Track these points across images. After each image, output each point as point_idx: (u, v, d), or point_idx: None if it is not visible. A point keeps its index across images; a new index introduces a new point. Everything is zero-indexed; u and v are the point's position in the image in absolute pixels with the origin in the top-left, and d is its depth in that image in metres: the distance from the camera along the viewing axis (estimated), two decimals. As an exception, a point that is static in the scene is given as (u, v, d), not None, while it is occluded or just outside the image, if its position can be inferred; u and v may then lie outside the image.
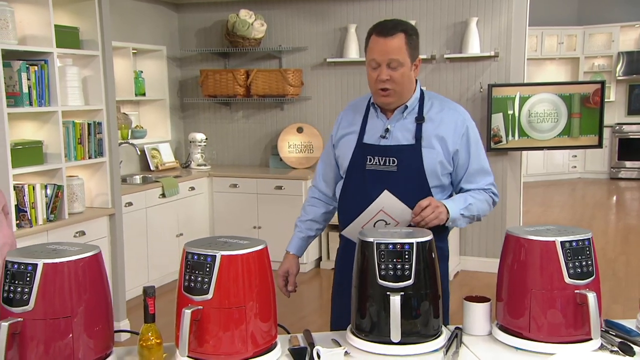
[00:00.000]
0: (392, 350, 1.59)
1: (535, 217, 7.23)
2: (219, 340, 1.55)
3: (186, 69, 5.88)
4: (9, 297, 1.47)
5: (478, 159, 1.97)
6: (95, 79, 3.74)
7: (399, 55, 1.88)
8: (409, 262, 1.59)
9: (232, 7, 5.50)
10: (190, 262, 1.57)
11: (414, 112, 1.96)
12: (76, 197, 3.67)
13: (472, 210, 1.93)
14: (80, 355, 1.52)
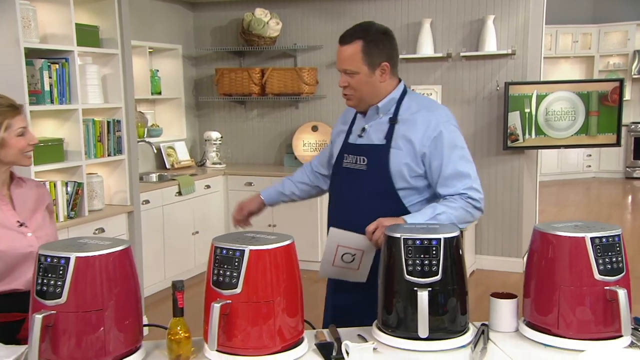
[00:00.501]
0: (419, 346, 1.59)
1: (550, 217, 7.19)
2: (247, 335, 1.56)
3: (201, 67, 5.91)
4: (42, 290, 1.49)
5: (453, 163, 1.90)
6: (114, 77, 3.77)
7: (351, 64, 1.90)
8: (436, 258, 1.59)
9: (247, 6, 5.51)
10: (219, 257, 1.58)
11: (390, 112, 1.97)
12: (95, 194, 3.71)
13: (443, 220, 1.85)
14: (111, 348, 1.53)
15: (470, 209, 1.91)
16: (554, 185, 9.32)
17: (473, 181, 1.93)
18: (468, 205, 1.91)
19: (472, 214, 1.93)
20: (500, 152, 4.95)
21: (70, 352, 1.50)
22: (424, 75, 5.12)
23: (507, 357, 1.57)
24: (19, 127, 1.81)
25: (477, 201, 1.92)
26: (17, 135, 1.81)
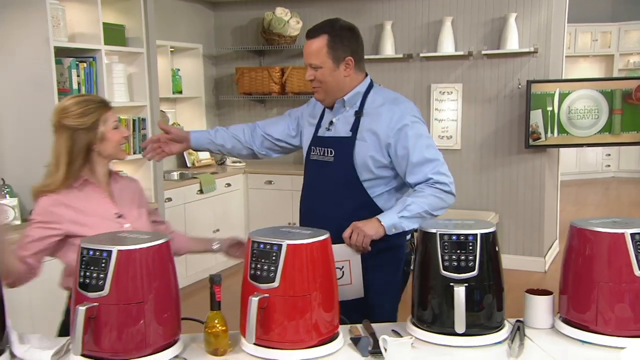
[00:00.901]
0: (456, 341, 1.59)
1: (570, 216, 7.09)
2: (284, 329, 1.57)
3: (221, 67, 5.94)
4: (85, 283, 1.52)
5: (419, 150, 1.95)
6: (139, 76, 3.81)
7: (316, 58, 1.96)
8: (472, 253, 1.59)
9: (268, 5, 5.53)
10: (256, 251, 1.59)
11: (356, 106, 2.02)
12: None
13: (414, 210, 1.90)
14: (151, 341, 1.55)
15: (439, 194, 1.95)
16: (572, 185, 9.23)
17: (440, 165, 1.97)
18: (437, 191, 1.94)
19: (444, 199, 1.96)
20: (522, 151, 4.92)
21: (112, 344, 1.52)
22: (445, 74, 5.10)
23: (544, 353, 1.56)
24: (114, 121, 1.88)
25: (445, 185, 1.95)
26: (113, 129, 1.87)
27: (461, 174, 5.14)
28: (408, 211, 1.91)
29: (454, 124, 5.13)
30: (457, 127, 5.12)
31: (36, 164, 3.29)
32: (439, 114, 5.16)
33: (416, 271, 1.69)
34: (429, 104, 5.18)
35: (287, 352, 1.56)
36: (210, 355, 1.60)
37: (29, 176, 3.30)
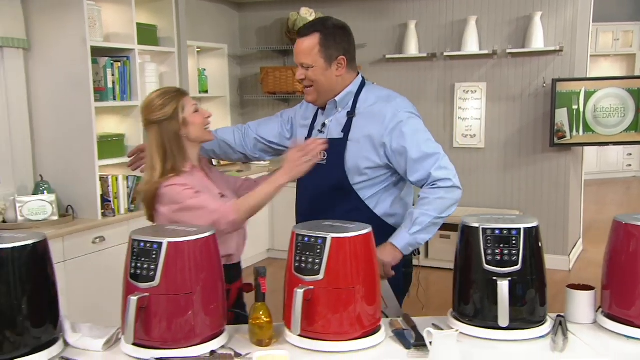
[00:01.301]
0: (499, 335, 1.59)
1: (592, 215, 7.03)
2: (328, 321, 1.57)
3: (246, 66, 5.97)
4: (136, 274, 1.54)
5: (417, 147, 1.87)
6: (170, 75, 3.85)
7: (308, 57, 1.89)
8: (516, 248, 1.58)
9: (292, 6, 5.55)
10: (300, 244, 1.60)
11: (348, 106, 1.96)
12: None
13: (424, 221, 1.85)
14: (198, 331, 1.57)
15: (443, 194, 1.86)
16: (593, 185, 9.11)
17: (441, 159, 1.88)
18: (439, 192, 1.86)
19: (449, 197, 1.87)
20: (547, 149, 4.88)
21: (162, 333, 1.54)
22: (469, 73, 5.08)
23: (588, 347, 1.55)
24: (192, 105, 1.90)
25: (447, 180, 1.86)
26: (194, 112, 1.89)
27: (485, 172, 5.11)
28: (418, 224, 1.86)
29: (478, 122, 5.10)
30: (480, 125, 5.09)
31: (73, 161, 3.37)
32: (462, 112, 5.14)
33: (457, 265, 1.69)
34: (453, 103, 5.15)
35: (332, 344, 1.57)
36: (255, 346, 1.61)
37: (66, 173, 3.38)
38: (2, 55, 3.27)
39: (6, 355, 1.47)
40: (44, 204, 3.21)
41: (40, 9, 3.28)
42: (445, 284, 4.64)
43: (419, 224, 1.86)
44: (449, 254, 4.93)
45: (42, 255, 1.55)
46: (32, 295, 1.51)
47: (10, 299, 1.47)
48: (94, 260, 3.29)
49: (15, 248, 1.49)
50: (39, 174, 3.41)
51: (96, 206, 3.34)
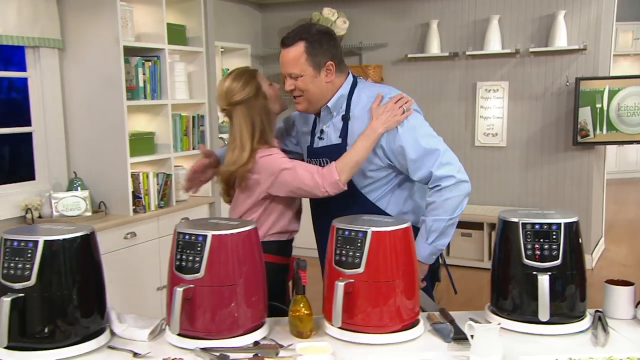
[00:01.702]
0: (539, 330, 1.58)
1: (611, 214, 6.94)
2: (369, 314, 1.58)
3: (268, 66, 5.99)
4: (181, 266, 1.56)
5: (415, 145, 1.81)
6: (198, 75, 3.88)
7: (296, 67, 1.83)
8: (556, 243, 1.57)
9: (315, 6, 5.56)
10: (340, 238, 1.61)
11: (342, 110, 1.90)
12: (181, 185, 3.81)
13: (439, 226, 1.81)
14: (241, 322, 1.58)
15: (449, 193, 1.79)
16: (612, 184, 8.96)
17: (441, 155, 1.80)
18: (444, 192, 1.80)
19: (457, 195, 1.80)
20: (569, 148, 4.83)
21: (206, 324, 1.55)
22: (491, 72, 5.04)
23: (629, 342, 1.54)
24: (265, 80, 1.92)
25: (450, 178, 1.79)
26: (269, 86, 1.92)
27: (506, 171, 5.07)
28: (434, 231, 1.82)
29: (500, 121, 5.06)
30: (502, 124, 5.05)
31: (105, 159, 3.41)
32: (484, 111, 5.10)
33: (496, 260, 1.68)
34: (474, 102, 5.12)
35: (372, 336, 1.57)
36: (295, 338, 1.62)
37: (98, 170, 3.42)
38: (39, 55, 3.32)
39: (57, 344, 1.50)
40: (78, 200, 3.26)
41: (75, 10, 3.33)
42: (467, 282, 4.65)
43: (435, 231, 1.82)
44: (471, 252, 4.99)
45: (90, 247, 1.57)
46: (82, 285, 1.53)
47: (62, 289, 1.50)
48: (126, 255, 3.33)
49: (66, 239, 1.51)
50: (73, 170, 3.45)
51: (128, 202, 3.38)
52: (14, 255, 1.48)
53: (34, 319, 1.48)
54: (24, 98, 3.38)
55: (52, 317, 1.49)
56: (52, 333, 1.49)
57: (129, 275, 3.31)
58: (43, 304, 1.48)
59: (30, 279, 1.47)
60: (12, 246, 1.49)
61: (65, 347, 1.50)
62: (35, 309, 1.48)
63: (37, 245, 1.48)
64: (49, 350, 1.49)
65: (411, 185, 1.97)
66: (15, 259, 1.48)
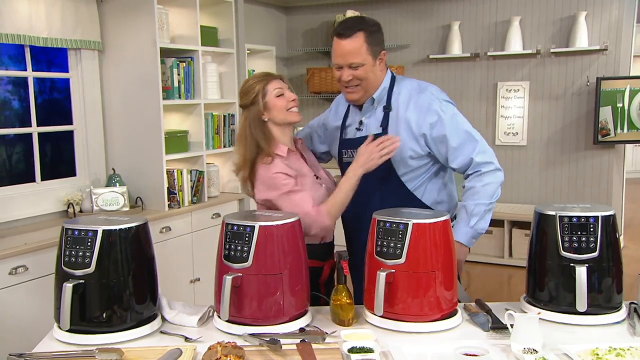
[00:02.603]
0: (577, 320, 1.58)
1: (630, 213, 6.85)
2: (409, 303, 1.59)
3: (292, 67, 6.03)
4: (230, 255, 1.59)
5: (456, 134, 1.87)
6: (229, 75, 3.92)
7: (357, 56, 1.85)
8: (594, 235, 1.57)
9: (338, 8, 5.58)
10: (382, 229, 1.63)
11: (383, 101, 1.94)
12: (212, 182, 3.87)
13: (479, 210, 1.86)
14: (286, 310, 1.60)
15: (488, 179, 1.87)
16: (630, 183, 8.85)
17: (480, 143, 1.88)
18: (484, 178, 1.87)
19: (494, 182, 1.87)
20: (590, 147, 4.78)
21: (253, 311, 1.58)
22: (512, 72, 5.02)
23: (665, 332, 1.53)
24: (275, 89, 1.89)
25: (489, 164, 1.87)
26: (276, 96, 1.89)
27: (526, 169, 5.04)
28: (476, 215, 1.86)
29: (520, 120, 5.03)
30: (523, 124, 5.02)
31: (142, 156, 3.46)
32: (505, 111, 5.08)
33: (532, 252, 1.69)
34: (495, 102, 5.10)
35: (412, 325, 1.59)
36: (337, 325, 1.64)
37: (135, 167, 3.48)
38: (80, 57, 3.39)
39: (114, 328, 1.54)
40: (117, 196, 3.32)
41: (114, 13, 3.39)
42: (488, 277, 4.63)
43: (477, 215, 1.86)
44: (491, 248, 4.97)
45: (144, 237, 1.61)
46: (136, 273, 1.57)
47: (118, 276, 1.54)
48: (161, 248, 3.38)
49: (122, 229, 1.56)
50: (112, 167, 3.51)
51: (163, 198, 3.43)
52: (74, 244, 1.53)
53: (93, 304, 1.53)
54: (66, 98, 3.45)
55: (109, 302, 1.53)
56: (110, 318, 1.53)
57: (164, 268, 3.31)
58: (101, 290, 1.53)
59: (90, 266, 1.51)
60: (72, 235, 1.54)
61: (121, 332, 1.54)
62: (94, 295, 1.52)
63: (97, 235, 1.52)
64: (107, 334, 1.53)
65: (444, 175, 2.02)
66: (75, 247, 1.53)
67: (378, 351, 1.43)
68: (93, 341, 1.50)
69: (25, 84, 3.26)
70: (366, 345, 1.46)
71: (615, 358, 1.34)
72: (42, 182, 3.31)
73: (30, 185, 3.26)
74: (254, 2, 5.41)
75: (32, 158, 3.28)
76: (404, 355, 1.43)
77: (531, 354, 1.39)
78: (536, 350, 1.40)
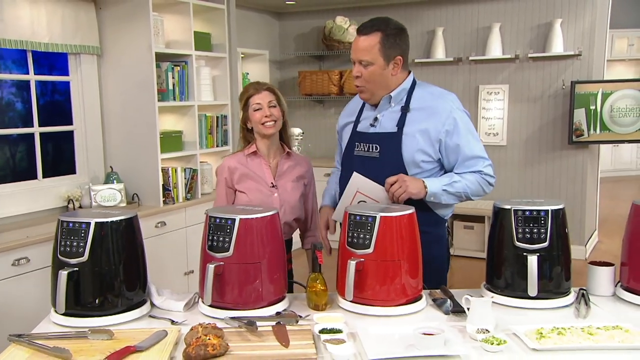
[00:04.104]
0: (528, 304, 1.68)
1: (607, 210, 6.97)
2: (377, 289, 1.68)
3: (285, 70, 6.11)
4: (212, 245, 1.68)
5: (469, 147, 1.89)
6: (222, 78, 4.00)
7: (368, 54, 1.85)
8: (544, 227, 1.67)
9: (328, 14, 5.66)
10: (352, 222, 1.71)
11: (402, 101, 1.93)
12: (206, 180, 3.95)
13: (458, 187, 1.87)
14: (264, 296, 1.69)
15: (483, 184, 1.92)
16: (608, 181, 8.98)
17: (487, 161, 1.95)
18: (482, 181, 1.92)
19: (484, 190, 1.94)
20: (565, 147, 4.89)
21: (234, 297, 1.67)
22: (492, 76, 5.12)
23: (608, 314, 1.63)
24: (255, 104, 2.07)
25: (491, 177, 1.94)
26: (254, 111, 2.08)
27: (506, 168, 5.14)
28: (452, 187, 1.87)
29: (500, 122, 5.14)
30: (503, 124, 5.13)
31: (138, 154, 3.54)
32: (486, 112, 5.18)
33: (491, 243, 1.78)
34: (477, 104, 5.20)
35: (379, 309, 1.68)
36: (312, 310, 1.73)
37: (132, 165, 3.56)
38: (80, 61, 3.47)
39: (105, 312, 1.63)
40: (114, 192, 3.40)
41: (111, 20, 3.46)
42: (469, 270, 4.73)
43: (453, 187, 1.88)
44: (472, 243, 5.08)
45: (134, 229, 1.70)
46: (126, 262, 1.66)
47: (110, 264, 1.63)
48: (156, 242, 3.46)
49: (114, 222, 1.64)
50: (110, 165, 3.59)
51: (158, 194, 3.51)
52: (69, 235, 1.62)
53: (86, 290, 1.61)
54: (66, 100, 3.53)
55: (101, 288, 1.62)
56: (102, 303, 1.62)
57: (159, 260, 3.44)
58: (94, 278, 1.61)
59: (84, 255, 1.60)
60: (67, 227, 1.62)
61: (113, 315, 1.63)
62: (87, 282, 1.61)
63: (90, 226, 1.61)
64: (99, 317, 1.62)
65: None
66: (70, 238, 1.61)
67: (346, 332, 1.53)
68: (86, 324, 1.59)
69: (27, 87, 3.33)
70: (335, 327, 1.55)
71: (556, 336, 1.44)
72: (43, 179, 3.39)
73: (32, 182, 3.34)
74: (248, 8, 5.49)
75: (34, 157, 3.35)
76: (370, 335, 1.52)
77: (483, 333, 1.48)
78: (488, 330, 1.50)
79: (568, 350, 1.39)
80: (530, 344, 1.42)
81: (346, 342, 1.45)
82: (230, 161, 2.15)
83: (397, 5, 5.39)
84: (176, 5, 3.61)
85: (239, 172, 2.12)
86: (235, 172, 2.12)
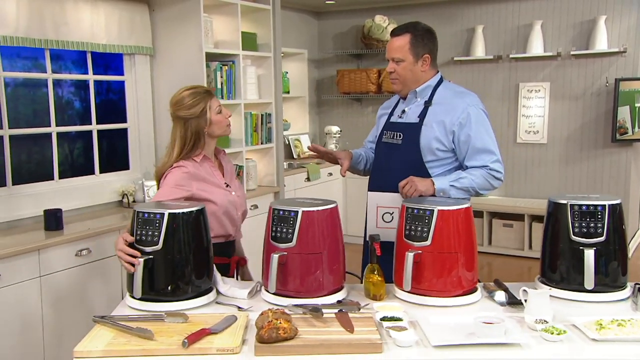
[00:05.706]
0: (585, 297, 1.70)
1: (649, 210, 6.80)
2: (434, 280, 1.73)
3: (323, 69, 6.18)
4: (276, 236, 1.76)
5: (480, 139, 2.04)
6: (266, 77, 4.10)
7: (399, 53, 2.10)
8: (601, 222, 1.69)
9: (367, 14, 5.71)
10: (410, 215, 1.77)
11: (426, 97, 2.13)
12: (251, 176, 4.05)
13: (464, 183, 2.01)
14: (324, 285, 1.77)
15: (490, 179, 2.04)
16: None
17: (497, 158, 2.07)
18: (488, 175, 2.04)
19: (492, 184, 2.06)
20: (608, 145, 4.82)
21: (296, 285, 1.75)
22: (533, 74, 5.07)
23: (666, 310, 1.64)
24: (217, 106, 2.05)
25: (498, 172, 2.05)
26: (217, 113, 2.03)
27: (547, 166, 5.09)
28: (459, 183, 2.02)
29: (541, 120, 5.09)
30: (543, 122, 5.08)
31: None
32: (526, 110, 5.14)
33: (546, 237, 1.81)
34: (517, 102, 5.17)
35: (436, 299, 1.73)
36: (370, 300, 1.80)
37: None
38: (134, 61, 3.61)
39: (177, 298, 1.72)
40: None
41: (164, 21, 3.59)
42: (509, 268, 4.71)
43: (460, 183, 2.03)
44: (511, 241, 5.05)
45: (202, 220, 1.79)
46: (196, 251, 1.75)
47: (181, 253, 1.72)
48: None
49: (184, 213, 1.74)
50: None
51: (207, 189, 3.61)
52: (145, 225, 1.72)
53: (160, 276, 1.71)
54: (120, 99, 3.68)
55: (174, 275, 1.72)
56: (174, 289, 1.72)
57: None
58: (167, 265, 1.71)
59: (158, 244, 1.70)
60: (143, 217, 1.73)
61: (184, 301, 1.73)
62: (161, 269, 1.71)
63: (164, 217, 1.71)
64: (171, 302, 1.71)
65: None
66: (146, 227, 1.72)
67: (407, 320, 1.58)
68: (160, 308, 1.69)
69: (85, 86, 3.49)
70: (396, 315, 1.61)
71: (617, 327, 1.46)
72: (100, 174, 3.54)
73: (90, 177, 3.50)
74: (288, 8, 5.58)
75: (92, 153, 3.51)
76: (430, 323, 1.57)
77: (542, 323, 1.52)
78: (547, 320, 1.53)
79: (629, 342, 1.42)
80: (590, 335, 1.45)
81: (408, 330, 1.51)
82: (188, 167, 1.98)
83: (436, 3, 5.39)
84: (225, 7, 3.72)
85: (199, 177, 1.99)
86: (195, 178, 1.98)
